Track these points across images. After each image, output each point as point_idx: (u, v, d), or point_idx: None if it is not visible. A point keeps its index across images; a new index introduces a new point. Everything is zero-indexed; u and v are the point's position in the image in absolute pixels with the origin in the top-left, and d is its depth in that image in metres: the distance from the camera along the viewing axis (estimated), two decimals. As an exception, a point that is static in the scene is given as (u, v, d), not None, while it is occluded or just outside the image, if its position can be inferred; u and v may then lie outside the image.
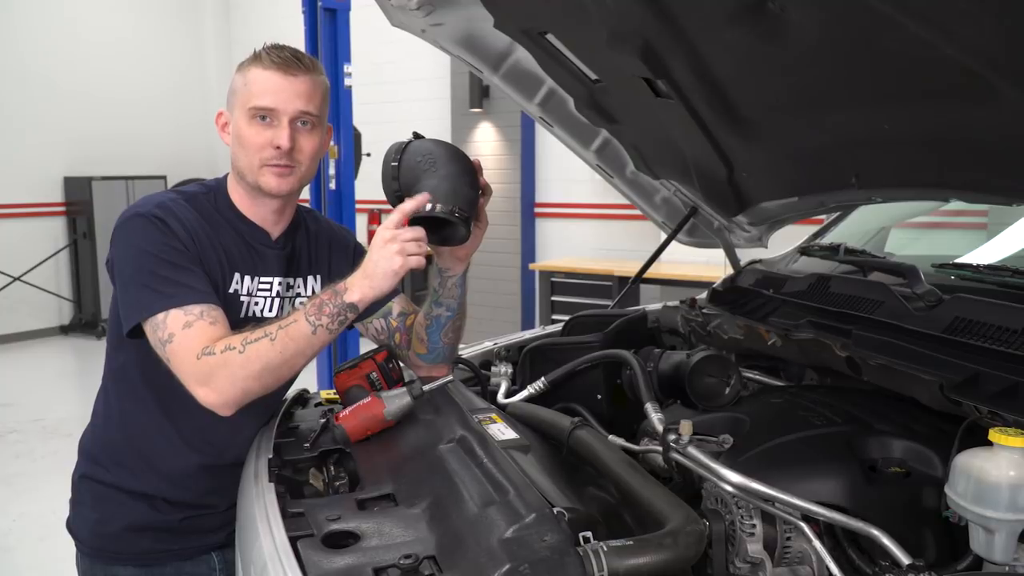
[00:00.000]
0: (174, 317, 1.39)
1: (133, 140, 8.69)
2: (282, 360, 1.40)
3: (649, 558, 1.04)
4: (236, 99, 1.55)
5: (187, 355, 1.38)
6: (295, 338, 1.40)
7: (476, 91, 6.98)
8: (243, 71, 1.56)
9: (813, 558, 1.24)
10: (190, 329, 1.39)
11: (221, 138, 1.60)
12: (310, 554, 1.09)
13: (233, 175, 1.61)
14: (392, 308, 1.77)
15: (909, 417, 1.42)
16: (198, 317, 1.40)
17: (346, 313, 1.43)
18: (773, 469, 1.30)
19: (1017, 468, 1.05)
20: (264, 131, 1.53)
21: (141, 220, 1.46)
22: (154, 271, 1.42)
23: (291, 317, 1.42)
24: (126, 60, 8.70)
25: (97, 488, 1.62)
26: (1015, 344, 1.27)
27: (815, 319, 1.68)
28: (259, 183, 1.56)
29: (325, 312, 1.41)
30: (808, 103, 1.57)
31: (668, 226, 2.48)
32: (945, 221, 2.77)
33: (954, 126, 1.35)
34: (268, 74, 1.52)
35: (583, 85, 1.97)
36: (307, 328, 1.40)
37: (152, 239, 1.44)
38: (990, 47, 1.10)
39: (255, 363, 1.37)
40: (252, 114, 1.53)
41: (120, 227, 1.49)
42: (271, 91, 1.52)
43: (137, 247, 1.45)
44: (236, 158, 1.57)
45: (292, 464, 1.46)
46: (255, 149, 1.53)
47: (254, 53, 1.56)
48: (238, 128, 1.55)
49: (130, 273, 1.44)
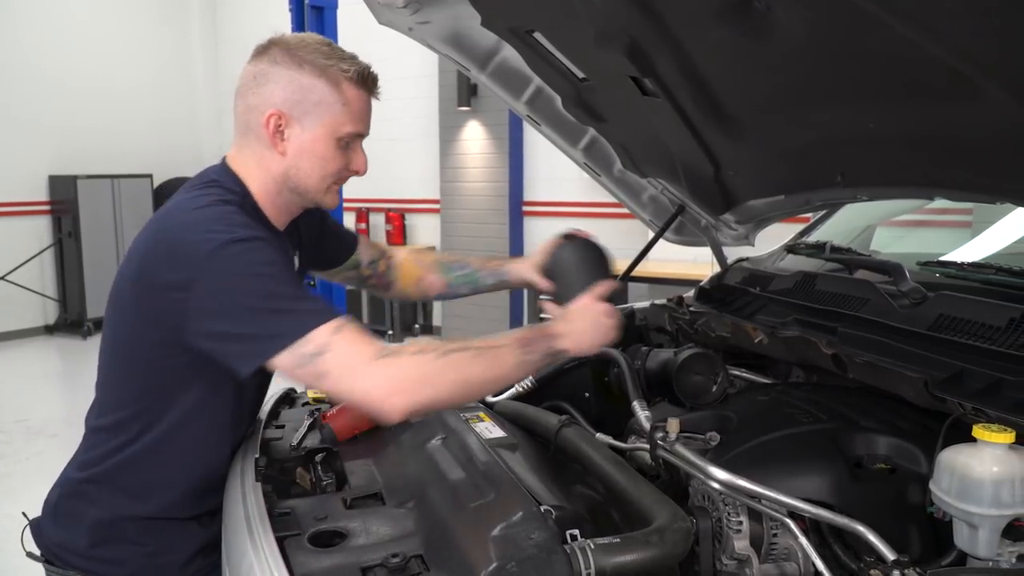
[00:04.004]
0: (319, 329, 1.22)
1: (118, 138, 8.61)
2: (482, 378, 1.30)
3: (636, 555, 1.04)
4: (323, 113, 1.38)
5: (358, 360, 1.22)
6: (500, 363, 1.32)
7: (464, 90, 6.96)
8: (335, 84, 1.38)
9: (799, 554, 1.25)
10: (343, 334, 1.23)
11: (270, 141, 1.38)
12: (297, 554, 1.09)
13: (272, 184, 1.42)
14: (361, 259, 1.79)
15: (894, 414, 1.43)
16: (344, 323, 1.25)
17: (552, 357, 1.40)
18: (759, 466, 1.31)
19: (1000, 464, 1.06)
20: (344, 154, 1.43)
21: (238, 245, 1.25)
22: (277, 294, 1.25)
23: (493, 342, 1.34)
24: (112, 58, 8.63)
25: (143, 523, 1.44)
26: (998, 341, 1.28)
27: (801, 317, 1.69)
28: (322, 201, 1.46)
29: (533, 349, 1.35)
30: (794, 102, 1.57)
31: (655, 224, 2.49)
32: (930, 219, 2.78)
33: (939, 125, 1.36)
34: (366, 98, 1.43)
35: (570, 83, 1.97)
36: (512, 358, 1.33)
37: (259, 261, 1.26)
38: (975, 47, 1.10)
39: (451, 373, 1.26)
40: (344, 137, 1.41)
41: (211, 259, 1.24)
42: (366, 117, 1.43)
43: (248, 275, 1.25)
44: (299, 173, 1.41)
45: (279, 464, 1.45)
46: (332, 171, 1.43)
47: (355, 71, 1.39)
48: (316, 146, 1.39)
49: (249, 304, 1.24)
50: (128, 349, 1.39)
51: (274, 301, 1.23)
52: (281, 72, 1.38)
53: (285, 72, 1.38)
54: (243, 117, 1.42)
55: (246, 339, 1.23)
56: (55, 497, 1.51)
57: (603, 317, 1.45)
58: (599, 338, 1.43)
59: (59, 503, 1.50)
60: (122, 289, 1.37)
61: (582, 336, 1.42)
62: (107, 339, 1.45)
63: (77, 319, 8.14)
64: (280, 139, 1.39)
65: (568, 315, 1.46)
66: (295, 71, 1.37)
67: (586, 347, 1.42)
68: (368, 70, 1.43)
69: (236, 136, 1.45)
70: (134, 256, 1.36)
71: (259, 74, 1.40)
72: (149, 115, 8.98)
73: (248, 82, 1.41)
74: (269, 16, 8.44)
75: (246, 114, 1.41)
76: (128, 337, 1.38)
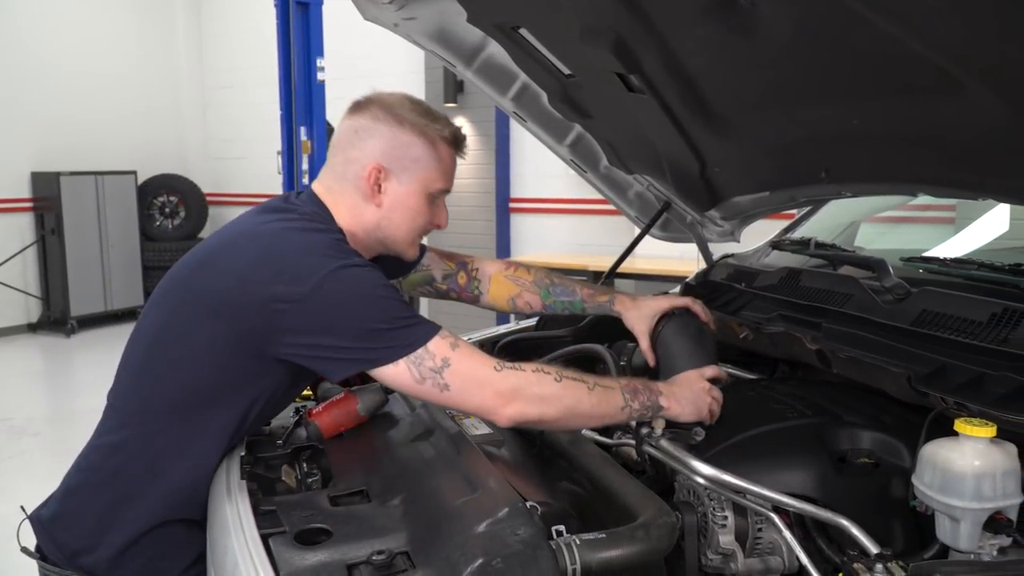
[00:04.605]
0: (436, 344, 1.31)
1: (102, 135, 8.53)
2: (590, 412, 1.37)
3: (621, 551, 1.04)
4: (420, 170, 1.47)
5: (482, 370, 1.31)
6: (608, 402, 1.38)
7: (451, 86, 6.95)
8: (434, 145, 1.48)
9: (784, 548, 1.26)
10: (461, 349, 1.32)
11: (368, 192, 1.46)
12: (282, 551, 1.09)
13: (360, 231, 1.49)
14: (433, 274, 1.83)
15: (878, 409, 1.44)
16: (457, 339, 1.35)
17: (653, 412, 1.43)
18: (744, 461, 1.31)
19: (981, 458, 1.07)
20: (431, 209, 1.52)
21: (352, 271, 1.33)
22: (393, 314, 1.32)
23: (605, 381, 1.40)
24: (95, 54, 8.54)
25: (150, 526, 1.43)
26: (980, 336, 1.29)
27: (786, 312, 1.70)
28: (405, 252, 1.55)
29: (638, 399, 1.41)
30: (779, 99, 1.58)
31: (641, 221, 2.49)
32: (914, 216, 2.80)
33: (922, 121, 1.37)
34: (455, 157, 1.52)
35: (556, 80, 1.97)
36: (620, 401, 1.39)
37: (371, 284, 1.34)
38: (957, 44, 1.11)
39: (567, 398, 1.34)
40: (435, 193, 1.51)
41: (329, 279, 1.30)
42: (453, 175, 1.53)
43: (365, 296, 1.32)
44: (390, 224, 1.49)
45: (264, 461, 1.44)
46: (421, 224, 1.52)
47: (450, 132, 1.50)
48: (410, 200, 1.48)
49: (368, 323, 1.31)
50: (189, 347, 1.40)
51: (391, 320, 1.31)
52: (383, 129, 1.46)
53: (387, 129, 1.46)
54: (341, 168, 1.49)
55: (362, 351, 1.31)
56: (59, 493, 1.51)
57: (706, 393, 1.48)
58: (700, 410, 1.45)
59: (63, 500, 1.49)
60: (201, 293, 1.39)
61: (685, 402, 1.45)
62: (152, 335, 1.46)
63: (60, 317, 8.07)
64: (378, 191, 1.47)
65: (674, 381, 1.51)
66: (396, 128, 1.46)
67: (686, 413, 1.44)
68: (460, 131, 1.53)
69: (329, 180, 1.51)
70: (221, 265, 1.39)
71: (361, 129, 1.47)
72: (133, 111, 8.90)
73: (349, 135, 1.48)
74: (254, 12, 8.46)
75: (344, 165, 1.48)
76: (192, 337, 1.40)
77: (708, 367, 1.57)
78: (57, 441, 4.99)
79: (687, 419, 1.45)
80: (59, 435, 5.10)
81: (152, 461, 1.42)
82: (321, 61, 5.33)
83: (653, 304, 1.73)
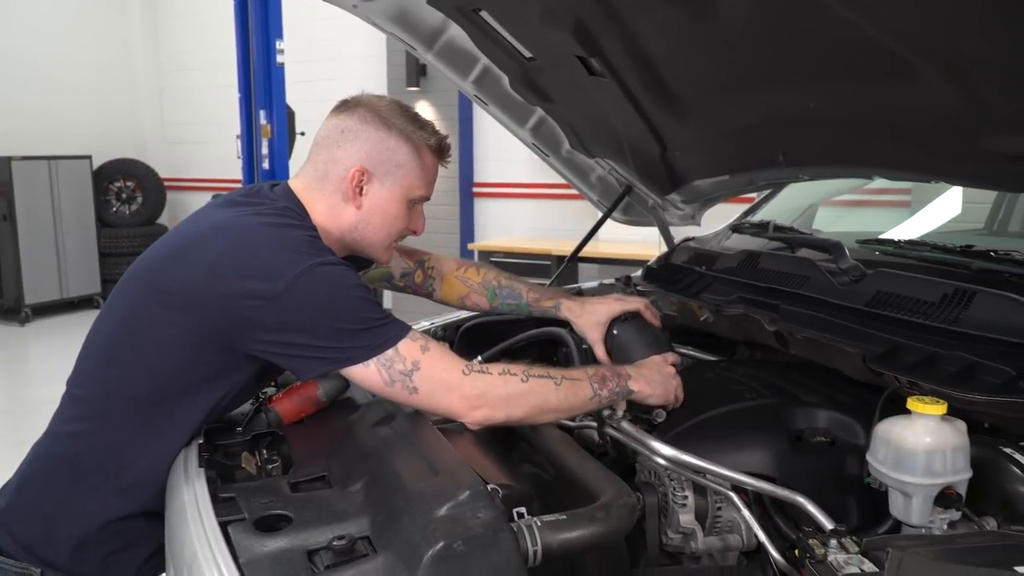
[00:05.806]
0: (407, 346, 1.31)
1: (56, 119, 8.31)
2: (557, 407, 1.37)
3: (582, 531, 1.05)
4: (402, 176, 1.47)
5: (450, 374, 1.32)
6: (576, 394, 1.38)
7: (413, 70, 6.88)
8: (419, 152, 1.48)
9: (742, 526, 1.28)
10: (431, 352, 1.32)
11: (349, 194, 1.45)
12: (241, 538, 1.07)
13: (336, 231, 1.48)
14: (392, 272, 1.83)
15: (834, 388, 1.47)
16: (427, 341, 1.34)
17: (623, 396, 1.44)
18: (704, 441, 1.33)
19: (933, 435, 1.10)
20: (408, 215, 1.52)
21: (327, 269, 1.32)
22: (366, 314, 1.32)
23: (572, 373, 1.41)
24: (49, 37, 8.31)
25: (109, 519, 1.41)
26: (932, 316, 1.32)
27: (745, 295, 1.72)
28: (379, 256, 1.56)
29: (607, 386, 1.42)
30: (737, 82, 1.59)
31: (603, 204, 2.50)
32: (871, 199, 2.85)
33: (877, 106, 1.39)
34: (437, 166, 1.53)
35: (517, 63, 1.96)
36: (588, 391, 1.40)
37: (346, 283, 1.33)
38: (911, 30, 1.13)
39: (533, 398, 1.35)
40: (415, 200, 1.51)
41: (304, 276, 1.28)
42: (434, 183, 1.54)
43: (339, 296, 1.31)
44: (368, 227, 1.48)
45: (224, 449, 1.43)
46: (397, 230, 1.52)
47: (436, 140, 1.50)
48: (390, 205, 1.48)
49: (341, 323, 1.30)
50: (156, 340, 1.36)
51: (364, 321, 1.31)
52: (370, 132, 1.45)
53: (374, 132, 1.45)
54: (323, 166, 1.47)
55: (330, 350, 1.30)
56: (14, 483, 1.47)
57: (673, 378, 1.50)
58: (668, 393, 1.47)
59: (18, 490, 1.46)
60: (170, 285, 1.35)
61: (655, 384, 1.47)
62: (117, 325, 1.42)
63: (14, 305, 7.88)
64: (359, 194, 1.46)
65: (642, 364, 1.52)
66: (383, 132, 1.45)
67: (656, 395, 1.46)
68: (445, 140, 1.53)
69: (308, 178, 1.49)
70: (191, 257, 1.34)
71: (347, 129, 1.46)
72: (87, 95, 8.68)
73: (334, 135, 1.47)
74: (211, -7, 8.24)
75: (327, 164, 1.46)
76: (158, 329, 1.36)
77: (670, 354, 1.59)
78: (11, 431, 4.89)
79: (656, 401, 1.46)
80: (13, 425, 5.00)
81: (114, 453, 1.40)
82: (280, 44, 5.24)
83: (603, 308, 1.73)
